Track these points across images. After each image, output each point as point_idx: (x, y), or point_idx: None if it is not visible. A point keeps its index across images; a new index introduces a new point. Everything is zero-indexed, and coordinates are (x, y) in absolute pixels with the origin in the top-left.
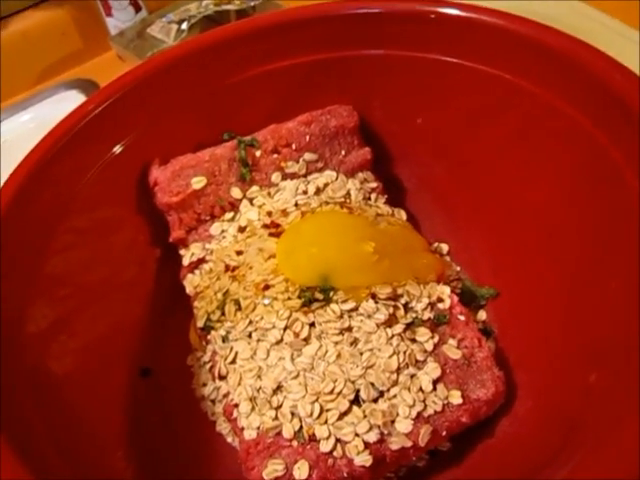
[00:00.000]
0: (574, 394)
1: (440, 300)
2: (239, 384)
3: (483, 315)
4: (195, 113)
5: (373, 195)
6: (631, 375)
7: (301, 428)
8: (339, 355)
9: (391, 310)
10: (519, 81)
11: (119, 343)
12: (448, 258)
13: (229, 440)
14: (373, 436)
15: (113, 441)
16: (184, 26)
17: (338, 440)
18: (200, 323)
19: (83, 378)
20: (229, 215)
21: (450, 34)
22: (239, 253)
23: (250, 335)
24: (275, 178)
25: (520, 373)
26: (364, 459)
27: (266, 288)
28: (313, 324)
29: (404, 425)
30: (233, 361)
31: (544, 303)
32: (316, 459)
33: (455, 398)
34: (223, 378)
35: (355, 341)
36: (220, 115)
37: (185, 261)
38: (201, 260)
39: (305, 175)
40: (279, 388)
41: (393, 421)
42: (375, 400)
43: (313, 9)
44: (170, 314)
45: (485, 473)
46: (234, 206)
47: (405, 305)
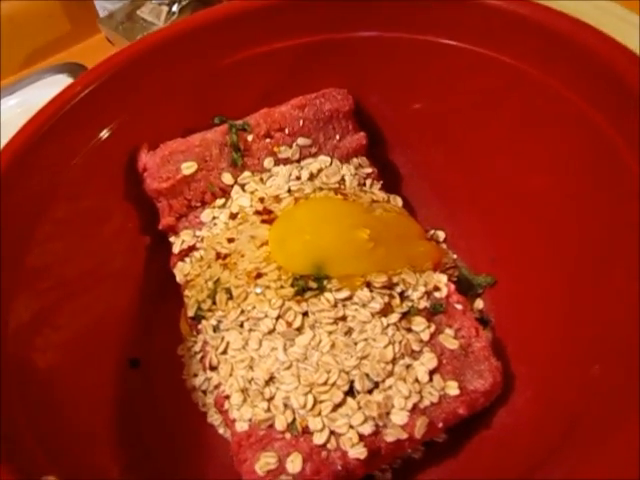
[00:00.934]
0: (575, 386)
1: (436, 289)
2: (230, 375)
3: (480, 304)
4: (185, 96)
5: (368, 181)
6: (636, 368)
7: (294, 420)
8: (333, 345)
9: (386, 299)
10: (519, 64)
11: (107, 334)
12: (445, 246)
13: (221, 432)
14: (368, 428)
15: (102, 435)
16: (175, 8)
17: (332, 432)
18: (191, 312)
19: (70, 371)
20: (220, 201)
21: (447, 15)
22: (230, 240)
23: (242, 325)
24: (267, 163)
25: (518, 363)
26: (359, 451)
27: (258, 276)
28: (306, 313)
29: (400, 417)
30: (224, 351)
31: (543, 292)
32: (309, 451)
33: (452, 389)
34: (214, 369)
35: (349, 331)
36: (211, 98)
37: (175, 249)
38: (192, 248)
39: (298, 160)
40: (271, 379)
41: (388, 413)
42: (370, 391)
43: None
44: (160, 303)
45: (481, 465)
46: (225, 192)
47: (401, 294)
